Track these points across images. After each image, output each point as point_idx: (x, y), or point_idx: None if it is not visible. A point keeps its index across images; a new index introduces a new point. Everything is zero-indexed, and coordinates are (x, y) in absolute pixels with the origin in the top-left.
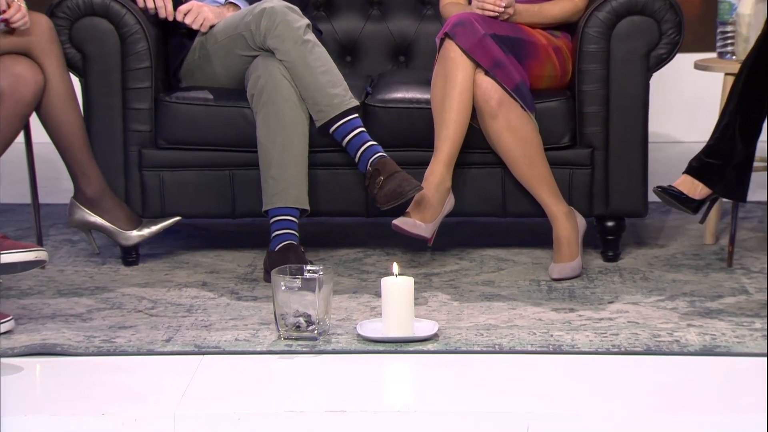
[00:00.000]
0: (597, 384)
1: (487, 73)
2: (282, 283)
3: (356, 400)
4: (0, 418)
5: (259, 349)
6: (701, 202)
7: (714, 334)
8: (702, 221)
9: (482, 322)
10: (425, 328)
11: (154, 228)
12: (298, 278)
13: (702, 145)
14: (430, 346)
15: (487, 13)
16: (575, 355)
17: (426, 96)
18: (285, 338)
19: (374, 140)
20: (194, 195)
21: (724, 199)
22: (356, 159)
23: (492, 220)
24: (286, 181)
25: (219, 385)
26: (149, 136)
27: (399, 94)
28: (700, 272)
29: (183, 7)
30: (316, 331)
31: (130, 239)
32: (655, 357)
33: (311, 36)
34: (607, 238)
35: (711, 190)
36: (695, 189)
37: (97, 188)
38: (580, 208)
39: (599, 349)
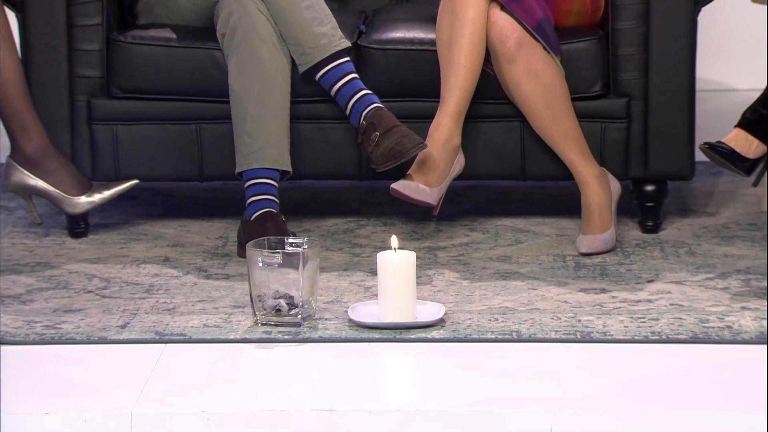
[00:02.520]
0: (633, 378)
1: (503, 8)
2: (259, 259)
3: (347, 398)
4: None
5: (232, 337)
6: (756, 161)
7: None
8: (755, 184)
9: (497, 304)
10: (429, 312)
11: (107, 193)
12: (278, 253)
13: (758, 94)
14: (434, 334)
15: None
16: (607, 343)
17: (430, 35)
18: (263, 324)
19: (369, 89)
20: (154, 154)
21: None
22: (347, 111)
23: (509, 183)
24: (263, 137)
25: (184, 379)
26: (100, 83)
27: (398, 34)
28: (756, 245)
29: None
30: (299, 316)
31: (77, 206)
32: (704, 346)
33: None
34: (646, 205)
35: None
36: (749, 146)
37: (38, 146)
38: (613, 169)
39: (636, 337)
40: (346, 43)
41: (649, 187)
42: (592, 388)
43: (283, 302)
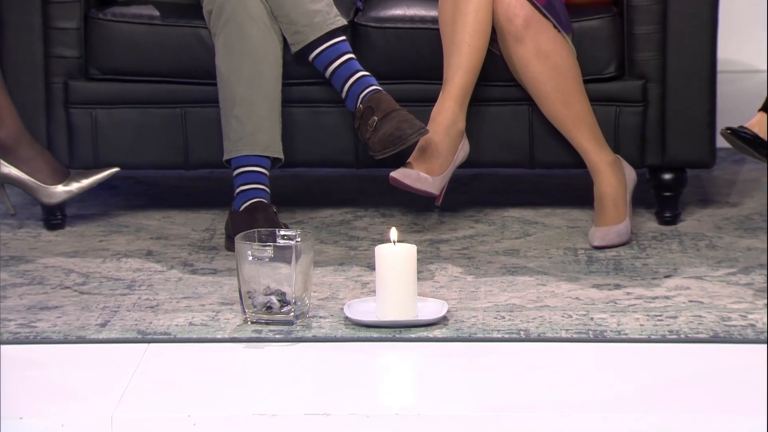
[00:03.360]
0: (649, 381)
1: None
2: (249, 253)
3: (343, 401)
4: None
5: (219, 336)
6: None
7: None
8: None
9: (503, 301)
10: (431, 309)
11: (85, 182)
12: (269, 246)
13: None
14: (437, 333)
15: None
16: (622, 343)
17: (432, 13)
18: (253, 322)
19: (366, 70)
20: (136, 140)
21: None
22: (343, 94)
23: (516, 172)
24: (253, 122)
25: (169, 381)
26: (78, 63)
27: (398, 11)
28: None
29: None
30: (292, 314)
31: (54, 196)
32: (725, 346)
33: None
34: (664, 195)
35: None
36: None
37: (11, 132)
38: (629, 156)
39: (653, 337)
40: (341, 21)
41: (667, 176)
42: (605, 391)
43: (274, 299)
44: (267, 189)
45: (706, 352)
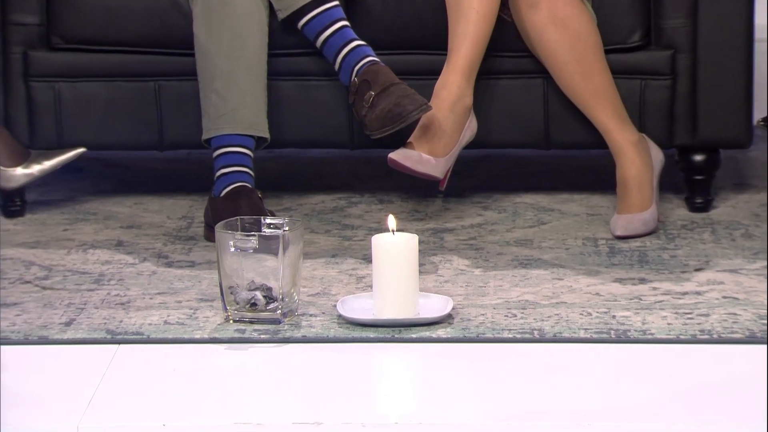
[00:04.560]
0: (679, 386)
1: None
2: (231, 243)
3: (336, 409)
4: None
5: (198, 337)
6: None
7: None
8: None
9: (515, 297)
10: (434, 306)
11: (48, 164)
12: (253, 236)
13: None
14: (440, 333)
15: None
16: (648, 344)
17: None
18: (235, 321)
19: (362, 39)
20: (104, 117)
21: None
22: (337, 66)
23: (530, 152)
24: (236, 98)
25: (141, 386)
26: (38, 31)
27: None
28: None
29: None
30: (279, 311)
31: (12, 180)
32: (763, 347)
33: None
34: (695, 179)
35: None
36: None
37: None
38: (655, 135)
39: (682, 336)
40: None
41: (698, 157)
42: (629, 398)
43: (259, 295)
44: (251, 172)
45: (741, 354)
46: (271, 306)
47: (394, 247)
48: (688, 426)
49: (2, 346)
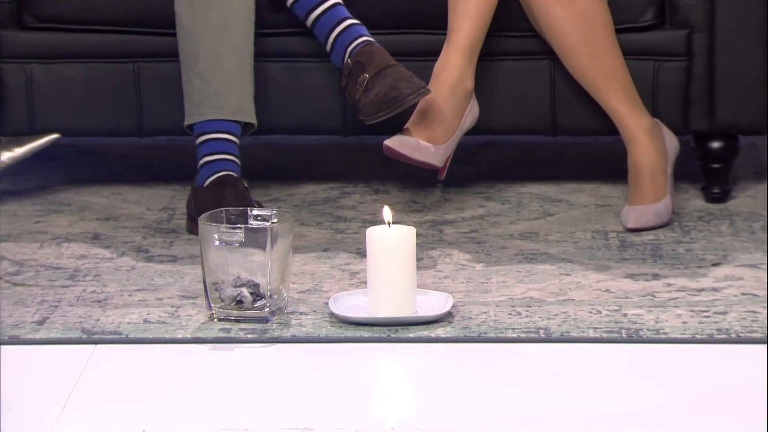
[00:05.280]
0: (695, 389)
1: None
2: (215, 236)
3: (329, 414)
4: None
5: (180, 336)
6: None
7: None
8: None
9: (520, 294)
10: (433, 304)
11: (19, 151)
12: (239, 228)
13: None
14: (440, 332)
15: None
16: (661, 344)
17: None
18: (220, 319)
19: (356, 18)
20: (79, 101)
21: None
22: (328, 47)
23: (535, 139)
24: (220, 81)
25: (119, 390)
26: (9, 9)
27: None
28: None
29: None
30: (267, 309)
31: None
32: None
33: None
34: (712, 167)
35: None
36: None
37: None
38: (670, 121)
39: (698, 336)
40: None
41: (716, 144)
42: (642, 402)
43: (245, 291)
44: (237, 160)
45: (761, 354)
46: (259, 303)
47: (390, 240)
48: (705, 430)
49: None
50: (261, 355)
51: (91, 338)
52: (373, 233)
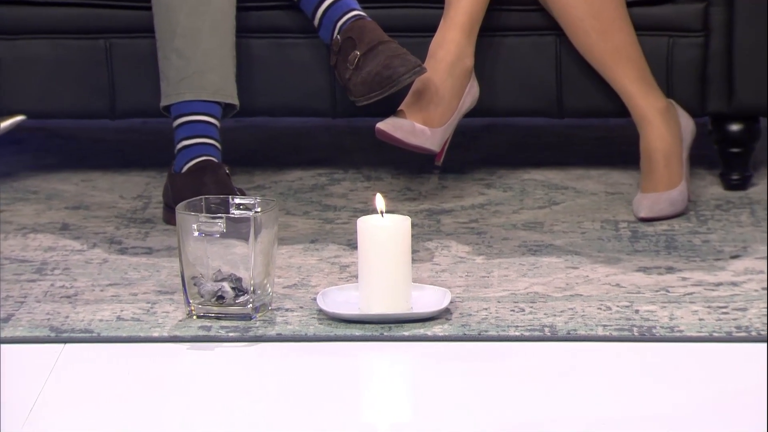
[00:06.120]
0: (712, 391)
1: None
2: (194, 227)
3: (317, 418)
4: None
5: (156, 335)
6: None
7: None
8: None
9: (523, 289)
10: (430, 299)
11: None
12: (220, 218)
13: None
14: (437, 330)
15: None
16: (676, 343)
17: None
18: (199, 316)
19: None
20: (47, 80)
21: None
22: (316, 21)
23: (540, 122)
24: (199, 58)
25: (90, 392)
26: None
27: None
28: None
29: None
30: (250, 305)
31: None
32: None
33: None
34: (731, 152)
35: None
36: None
37: None
38: (686, 101)
39: (715, 334)
40: None
41: (735, 127)
42: (655, 404)
43: (227, 286)
44: (217, 144)
45: None
46: (241, 299)
47: (383, 231)
48: None
49: None
50: (243, 356)
51: (59, 337)
52: (364, 223)
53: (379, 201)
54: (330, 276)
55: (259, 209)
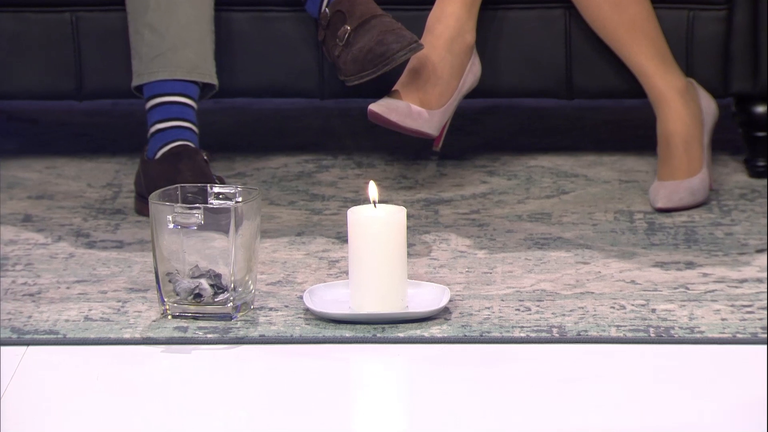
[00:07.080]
0: (735, 396)
1: None
2: (169, 218)
3: (304, 426)
4: None
5: (128, 336)
6: None
7: None
8: None
9: (529, 286)
10: (427, 297)
11: None
12: (197, 209)
13: None
14: (435, 331)
15: None
16: (696, 345)
17: None
18: (175, 316)
19: None
20: (8, 57)
21: None
22: None
23: (548, 103)
24: (174, 33)
25: (55, 398)
26: None
27: None
28: None
29: None
30: (230, 304)
31: None
32: None
33: None
34: (756, 136)
35: None
36: None
37: None
38: (707, 81)
39: (739, 335)
40: None
41: (760, 109)
42: (673, 411)
43: (205, 283)
44: (194, 128)
45: None
46: (221, 298)
47: (376, 222)
48: None
49: None
50: (223, 359)
51: (22, 339)
52: (355, 214)
53: (372, 190)
54: (318, 272)
55: (240, 199)
